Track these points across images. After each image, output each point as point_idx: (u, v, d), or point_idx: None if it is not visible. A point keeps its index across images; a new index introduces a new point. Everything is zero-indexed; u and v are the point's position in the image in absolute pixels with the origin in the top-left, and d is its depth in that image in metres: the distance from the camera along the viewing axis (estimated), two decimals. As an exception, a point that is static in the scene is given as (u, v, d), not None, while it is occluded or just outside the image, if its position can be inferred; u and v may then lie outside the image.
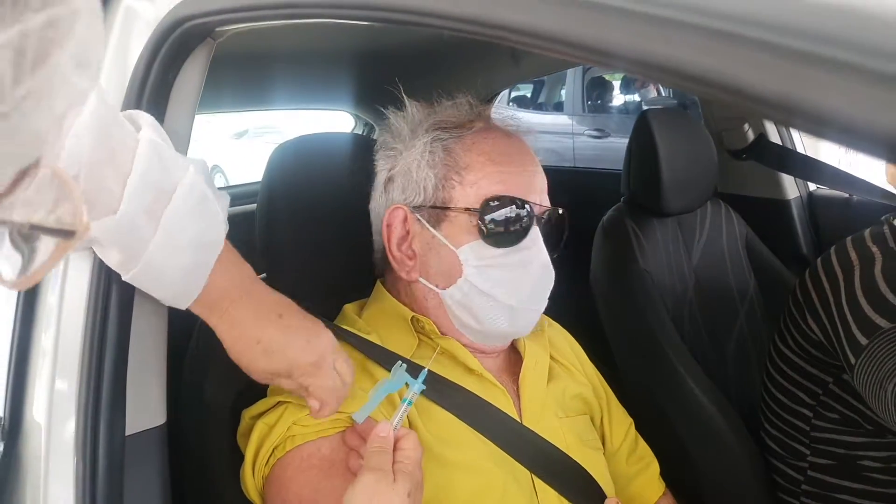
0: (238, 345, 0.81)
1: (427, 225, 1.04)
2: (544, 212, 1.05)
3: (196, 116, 0.91)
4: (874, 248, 1.29)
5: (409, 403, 0.89)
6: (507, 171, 1.03)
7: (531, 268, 1.03)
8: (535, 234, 1.03)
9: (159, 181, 0.72)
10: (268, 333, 0.81)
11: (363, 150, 1.16)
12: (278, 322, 0.81)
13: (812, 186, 2.03)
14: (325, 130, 1.32)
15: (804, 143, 2.00)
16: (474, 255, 1.01)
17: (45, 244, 0.48)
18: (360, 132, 2.49)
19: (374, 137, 1.19)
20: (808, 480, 1.41)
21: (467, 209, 1.02)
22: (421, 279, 1.06)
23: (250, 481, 0.93)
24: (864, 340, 1.20)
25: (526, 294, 1.03)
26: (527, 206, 1.02)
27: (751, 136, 1.95)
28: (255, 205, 1.18)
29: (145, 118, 0.76)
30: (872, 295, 1.22)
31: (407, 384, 0.91)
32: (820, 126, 0.37)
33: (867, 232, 1.34)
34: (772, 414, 1.48)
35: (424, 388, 0.91)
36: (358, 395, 0.92)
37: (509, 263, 1.01)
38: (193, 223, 0.75)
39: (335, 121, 2.69)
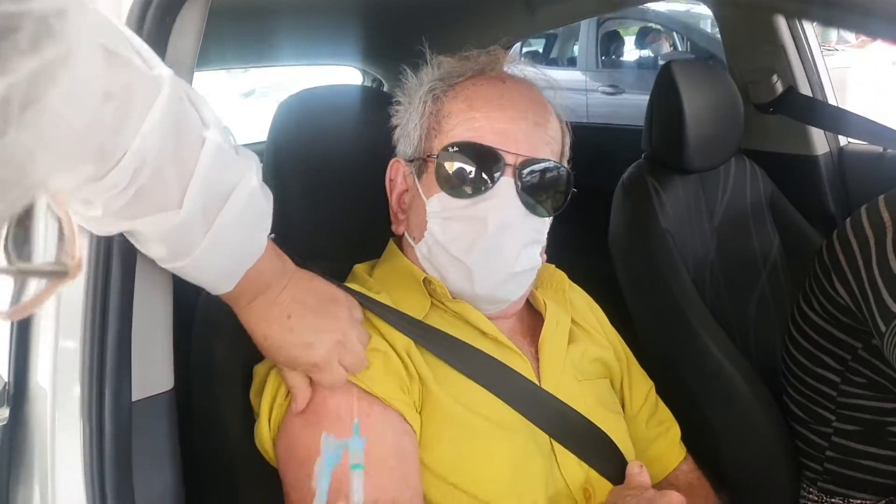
0: (253, 335, 0.85)
1: (414, 177, 1.03)
2: (523, 162, 0.96)
3: (202, 74, 0.87)
4: None
5: (360, 468, 0.78)
6: (484, 116, 0.97)
7: (489, 223, 0.95)
8: (503, 186, 0.95)
9: (218, 184, 0.73)
10: (273, 332, 0.84)
11: (373, 104, 1.11)
12: (285, 323, 0.84)
13: (843, 141, 1.95)
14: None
15: (836, 96, 1.93)
16: (441, 206, 0.98)
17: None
18: (368, 87, 2.43)
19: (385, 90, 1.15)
20: (832, 446, 1.39)
21: (428, 156, 0.99)
22: (406, 233, 1.05)
23: (266, 434, 0.91)
24: (895, 307, 1.15)
25: (482, 251, 0.95)
26: (494, 154, 0.95)
27: (779, 87, 1.87)
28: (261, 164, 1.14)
29: (208, 112, 0.74)
30: None
31: (347, 447, 0.80)
32: None
33: None
34: (795, 379, 1.45)
35: (365, 440, 0.80)
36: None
37: (468, 216, 0.96)
38: (242, 231, 0.77)
39: (342, 79, 2.64)
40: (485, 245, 0.95)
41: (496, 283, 0.98)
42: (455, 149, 0.96)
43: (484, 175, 0.95)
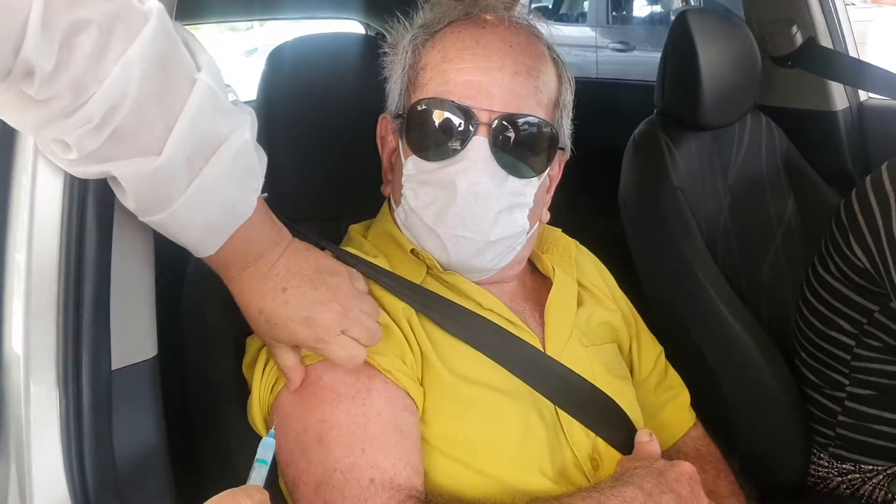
0: (245, 309, 0.80)
1: (398, 135, 0.95)
2: (496, 118, 0.88)
3: (204, 30, 0.81)
4: None
5: (265, 463, 0.70)
6: (455, 68, 0.90)
7: (457, 187, 0.87)
8: (475, 146, 0.87)
9: (207, 131, 0.69)
10: (267, 306, 0.78)
11: (373, 53, 1.04)
12: (280, 296, 0.78)
13: (863, 96, 1.88)
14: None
15: (857, 49, 1.84)
16: (416, 168, 0.91)
17: None
18: (371, 43, 2.37)
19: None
20: (845, 411, 1.38)
21: (401, 114, 0.92)
22: (390, 197, 0.98)
23: (257, 412, 0.88)
24: None
25: (453, 218, 0.88)
26: (465, 110, 0.87)
27: (799, 39, 1.79)
28: None
29: (204, 57, 0.70)
30: None
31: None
32: None
33: None
34: (808, 343, 1.43)
35: (272, 438, 0.73)
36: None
37: (437, 181, 0.89)
38: (231, 188, 0.72)
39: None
40: (455, 212, 0.88)
41: (471, 253, 0.91)
42: (423, 106, 0.89)
43: (454, 134, 0.87)
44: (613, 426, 0.97)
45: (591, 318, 1.06)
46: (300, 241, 0.83)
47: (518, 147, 0.89)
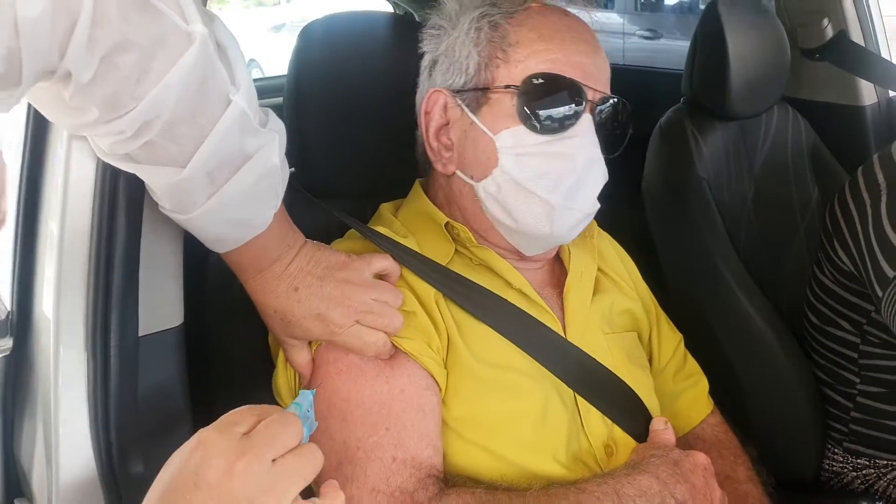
0: (260, 309, 0.84)
1: (466, 110, 0.95)
2: (601, 99, 0.93)
3: (231, 8, 0.83)
4: None
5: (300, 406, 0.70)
6: (560, 48, 0.92)
7: (576, 161, 0.90)
8: (587, 122, 0.91)
9: (232, 150, 0.72)
10: (282, 305, 0.82)
11: (404, 32, 1.04)
12: (293, 296, 0.82)
13: (893, 91, 1.85)
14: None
15: (889, 48, 1.81)
16: (514, 140, 0.91)
17: None
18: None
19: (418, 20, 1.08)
20: (857, 407, 1.38)
21: (508, 87, 0.92)
22: (458, 172, 0.97)
23: (283, 381, 0.90)
24: (890, 273, 1.12)
25: (568, 190, 0.91)
26: (578, 88, 0.90)
27: (829, 32, 1.76)
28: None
29: (242, 73, 0.72)
30: None
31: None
32: None
33: (894, 146, 1.24)
34: (816, 343, 1.43)
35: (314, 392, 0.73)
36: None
37: (552, 153, 0.90)
38: (249, 204, 0.76)
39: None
40: (571, 183, 0.91)
41: (574, 223, 0.94)
42: (540, 80, 0.90)
43: (570, 110, 0.90)
44: (630, 414, 0.98)
45: (613, 306, 1.07)
46: (311, 241, 0.86)
47: (611, 126, 0.95)
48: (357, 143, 1.10)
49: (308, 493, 0.58)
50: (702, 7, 2.09)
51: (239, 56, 0.72)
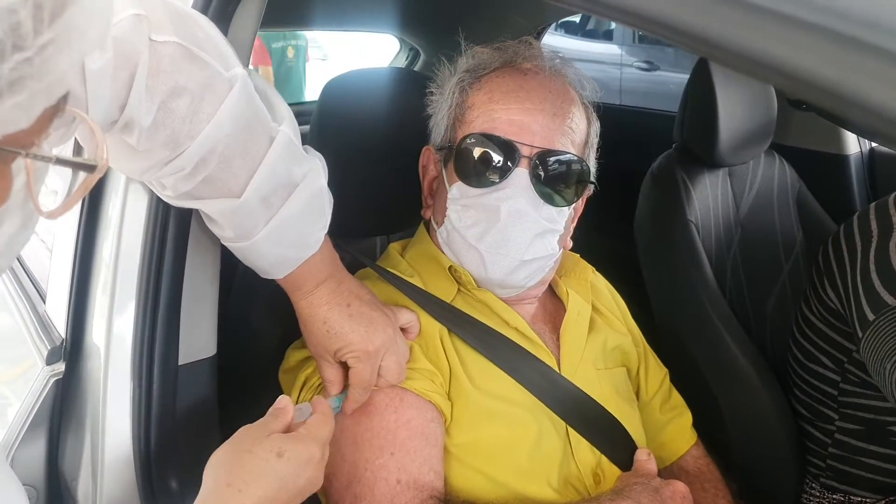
0: (309, 321, 0.89)
1: (441, 165, 1.06)
2: (537, 154, 0.98)
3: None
4: (894, 218, 1.22)
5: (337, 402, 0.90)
6: (503, 108, 1.00)
7: (501, 213, 0.97)
8: (517, 177, 0.97)
9: (284, 176, 0.79)
10: (334, 316, 0.88)
11: (413, 87, 1.14)
12: (346, 309, 0.89)
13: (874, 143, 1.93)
14: (368, 48, 1.29)
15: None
16: (459, 193, 1.01)
17: (79, 181, 0.54)
18: (404, 57, 2.44)
19: (416, 69, 1.17)
20: (835, 443, 1.41)
21: (447, 146, 1.03)
22: (432, 218, 1.09)
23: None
24: (871, 316, 1.17)
25: (493, 239, 0.98)
26: (510, 146, 0.97)
27: (815, 85, 1.84)
28: None
29: (283, 108, 0.81)
30: (883, 269, 1.18)
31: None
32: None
33: (892, 197, 1.27)
34: (798, 378, 1.47)
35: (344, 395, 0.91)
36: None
37: (482, 204, 0.99)
38: (303, 224, 0.84)
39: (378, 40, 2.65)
40: (496, 233, 0.98)
41: (507, 270, 1.00)
42: (472, 140, 0.99)
43: (499, 165, 0.97)
44: (617, 445, 1.04)
45: (606, 343, 1.14)
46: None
47: (554, 179, 0.99)
48: (369, 185, 1.18)
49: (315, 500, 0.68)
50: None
51: (277, 96, 0.82)
